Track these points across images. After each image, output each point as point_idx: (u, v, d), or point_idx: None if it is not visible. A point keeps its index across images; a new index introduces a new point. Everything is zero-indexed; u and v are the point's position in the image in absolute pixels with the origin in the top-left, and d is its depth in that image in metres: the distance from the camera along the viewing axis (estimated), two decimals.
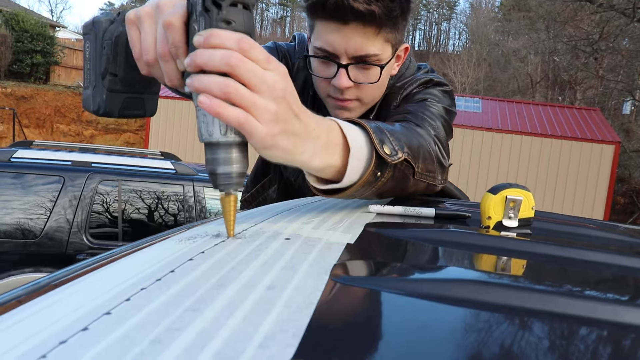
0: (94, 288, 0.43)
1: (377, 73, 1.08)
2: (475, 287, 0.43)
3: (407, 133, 0.86)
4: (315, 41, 1.08)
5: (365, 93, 1.11)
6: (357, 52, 1.04)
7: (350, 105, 1.12)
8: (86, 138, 16.40)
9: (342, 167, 0.68)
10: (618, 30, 14.67)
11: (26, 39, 16.76)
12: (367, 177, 0.71)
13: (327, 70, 1.09)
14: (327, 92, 1.12)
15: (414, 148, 0.82)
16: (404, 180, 0.80)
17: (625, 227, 1.03)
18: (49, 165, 3.97)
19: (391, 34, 1.07)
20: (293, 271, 0.45)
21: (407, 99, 1.16)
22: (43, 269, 3.77)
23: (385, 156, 0.73)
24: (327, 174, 0.68)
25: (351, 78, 1.07)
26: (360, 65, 1.07)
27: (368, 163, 0.71)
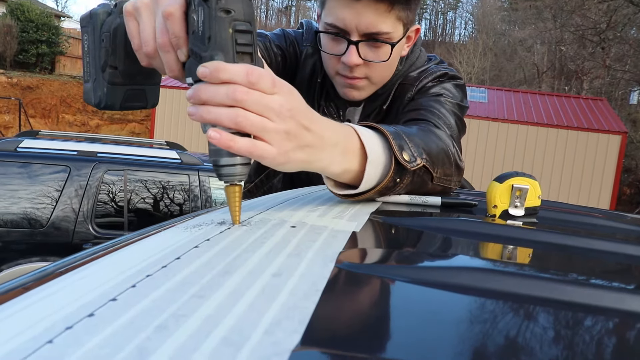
0: (99, 275, 0.43)
1: (388, 51, 1.06)
2: (481, 274, 0.43)
3: (425, 137, 0.86)
4: (326, 17, 1.06)
5: (375, 72, 1.10)
6: (368, 29, 1.02)
7: (359, 84, 1.11)
8: (92, 128, 16.44)
9: (360, 173, 0.69)
10: (626, 19, 14.53)
11: (31, 29, 16.76)
12: (385, 183, 0.71)
13: (337, 47, 1.08)
14: (336, 70, 1.11)
15: (432, 154, 0.82)
16: (423, 186, 0.80)
17: (632, 217, 1.02)
18: (55, 155, 3.99)
19: (403, 13, 1.05)
20: (299, 258, 0.45)
21: (421, 92, 1.15)
22: (49, 258, 3.79)
23: (405, 163, 0.73)
24: (345, 178, 0.69)
25: (361, 55, 1.05)
26: (371, 42, 1.05)
27: (387, 169, 0.72)
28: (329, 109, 1.22)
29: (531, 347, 0.33)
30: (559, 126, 11.91)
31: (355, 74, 1.08)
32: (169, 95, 12.65)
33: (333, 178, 0.69)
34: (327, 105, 1.23)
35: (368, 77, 1.10)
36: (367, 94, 1.14)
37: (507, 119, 12.10)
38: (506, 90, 14.82)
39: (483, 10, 44.27)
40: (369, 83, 1.12)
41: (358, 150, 0.68)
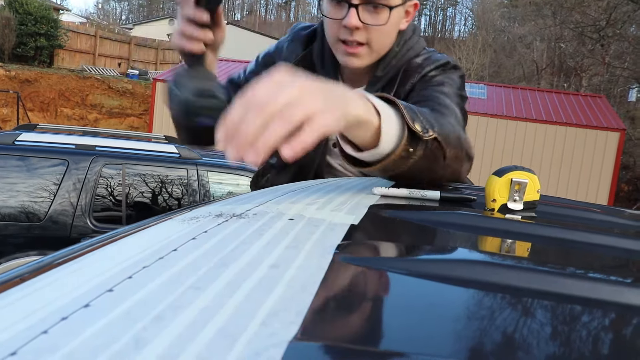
0: (96, 266, 0.42)
1: (386, 16, 1.11)
2: (480, 267, 0.43)
3: (437, 116, 0.88)
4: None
5: (374, 37, 1.13)
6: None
7: (359, 52, 1.14)
8: (90, 122, 16.40)
9: (376, 136, 0.71)
10: (626, 16, 14.51)
11: (30, 22, 16.68)
12: (400, 151, 0.73)
13: (339, 12, 1.12)
14: (338, 35, 1.14)
15: (444, 131, 0.84)
16: (435, 162, 0.82)
17: (630, 212, 1.02)
18: (53, 148, 3.98)
19: None
20: (297, 250, 0.45)
21: (425, 80, 1.19)
22: (47, 251, 3.79)
23: (417, 131, 0.75)
24: (364, 137, 0.71)
25: (361, 18, 1.10)
26: (370, 6, 1.10)
27: (400, 137, 0.74)
28: None
29: (530, 340, 0.33)
30: (558, 123, 11.91)
31: (355, 37, 1.12)
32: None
33: (351, 136, 0.71)
34: None
35: (368, 42, 1.14)
36: (367, 61, 1.17)
37: (506, 115, 12.10)
38: (505, 86, 14.80)
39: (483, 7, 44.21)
40: (369, 50, 1.15)
41: (372, 107, 0.70)
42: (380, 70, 1.22)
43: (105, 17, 61.07)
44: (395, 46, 1.22)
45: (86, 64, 19.30)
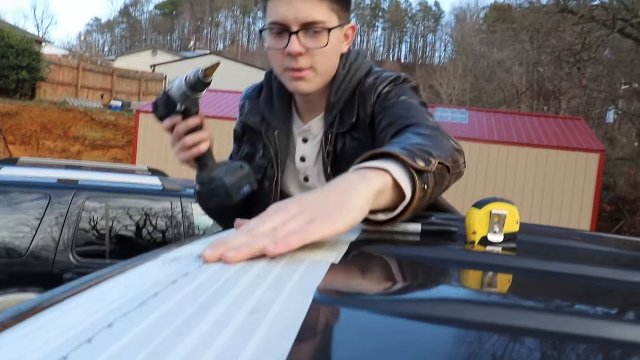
0: (74, 314, 0.42)
1: (325, 38, 1.16)
2: (460, 305, 0.43)
3: (424, 138, 0.93)
4: (268, 18, 1.18)
5: (317, 59, 1.18)
6: (305, 18, 1.14)
7: (305, 75, 1.19)
8: (73, 154, 16.29)
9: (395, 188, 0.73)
10: (599, 40, 14.85)
11: (12, 55, 16.63)
12: (419, 192, 0.74)
13: (281, 42, 1.17)
14: (283, 65, 1.19)
15: (437, 148, 0.87)
16: (443, 181, 0.86)
17: (609, 237, 1.04)
18: (34, 183, 3.94)
19: (335, 5, 1.17)
20: (277, 292, 0.45)
21: (382, 98, 1.22)
22: (29, 288, 3.72)
23: (422, 168, 0.77)
24: (386, 202, 0.72)
25: (302, 44, 1.15)
26: (309, 31, 1.16)
27: (412, 180, 0.75)
28: (268, 133, 1.33)
29: None
30: (539, 145, 12.07)
31: (300, 63, 1.17)
32: (151, 120, 12.62)
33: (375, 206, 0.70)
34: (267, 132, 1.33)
35: (312, 66, 1.18)
36: (314, 85, 1.22)
37: (488, 139, 12.24)
38: (486, 111, 15.00)
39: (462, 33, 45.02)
40: (315, 73, 1.20)
41: (377, 173, 0.72)
42: (333, 96, 1.26)
43: (87, 49, 61.11)
44: (341, 69, 1.27)
45: (68, 96, 19.25)
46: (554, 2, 14.68)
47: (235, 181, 1.11)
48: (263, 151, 1.34)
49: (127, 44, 78.66)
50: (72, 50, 45.59)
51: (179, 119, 1.11)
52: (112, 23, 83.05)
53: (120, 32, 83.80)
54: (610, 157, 16.10)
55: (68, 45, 59.11)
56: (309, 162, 1.31)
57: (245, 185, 1.13)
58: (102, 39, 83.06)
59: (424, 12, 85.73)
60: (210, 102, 13.26)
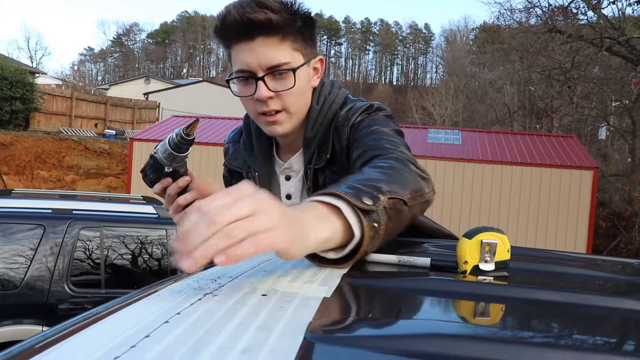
0: (65, 359, 0.42)
1: (292, 79, 1.16)
2: (454, 341, 0.43)
3: (379, 173, 0.91)
4: (234, 67, 1.19)
5: (288, 101, 1.18)
6: (269, 62, 1.14)
7: (278, 118, 1.19)
8: (67, 183, 16.24)
9: (345, 226, 0.72)
10: (588, 59, 15.02)
11: (5, 86, 16.68)
12: (368, 233, 0.73)
13: (249, 89, 1.18)
14: (256, 110, 1.19)
15: (392, 183, 0.86)
16: (400, 215, 0.84)
17: (603, 260, 1.04)
18: (29, 214, 3.93)
19: (297, 43, 1.17)
20: (268, 331, 0.45)
21: (355, 129, 1.22)
22: (24, 320, 3.68)
23: (369, 207, 0.75)
24: (335, 240, 0.72)
25: (270, 88, 1.15)
26: (276, 74, 1.16)
27: (359, 221, 0.74)
28: (249, 174, 1.36)
29: None
30: (533, 164, 12.11)
31: (271, 107, 1.17)
32: (145, 147, 12.64)
33: (325, 247, 0.71)
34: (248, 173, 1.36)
35: (284, 108, 1.19)
36: (289, 126, 1.22)
37: (482, 159, 12.28)
38: (479, 131, 15.09)
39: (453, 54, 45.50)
40: (288, 115, 1.20)
41: (328, 210, 0.72)
42: (310, 132, 1.26)
43: (81, 79, 61.46)
44: (315, 104, 1.26)
45: (62, 126, 19.27)
46: (542, 23, 14.88)
47: None
48: None
49: (120, 72, 79.07)
50: (65, 80, 45.81)
51: (169, 181, 1.12)
52: (105, 52, 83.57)
53: (114, 62, 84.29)
54: (604, 173, 16.17)
55: (61, 75, 59.43)
56: (295, 199, 1.32)
57: None
58: (95, 68, 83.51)
59: (414, 35, 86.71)
60: (203, 128, 13.30)
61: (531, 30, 15.18)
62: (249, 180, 1.31)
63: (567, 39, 13.91)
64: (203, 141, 12.32)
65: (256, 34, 1.12)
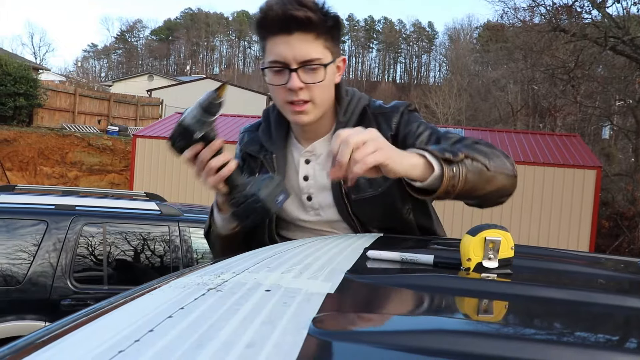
0: (69, 353, 0.42)
1: (322, 73, 1.27)
2: (455, 337, 0.44)
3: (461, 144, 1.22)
4: (268, 57, 1.28)
5: (315, 93, 1.28)
6: (304, 56, 1.24)
7: (305, 108, 1.29)
8: (70, 180, 16.26)
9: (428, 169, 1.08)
10: (592, 58, 14.96)
11: (9, 82, 16.68)
12: (447, 174, 1.06)
13: (282, 78, 1.27)
14: (285, 99, 1.29)
15: (473, 148, 1.16)
16: (482, 174, 1.13)
17: (606, 259, 1.04)
18: (32, 209, 3.93)
19: (328, 42, 1.28)
20: (272, 326, 0.45)
21: (406, 120, 1.39)
22: (26, 316, 3.69)
23: (448, 157, 1.07)
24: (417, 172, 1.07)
25: (301, 80, 1.25)
26: (307, 68, 1.26)
27: (440, 167, 1.06)
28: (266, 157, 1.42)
29: None
30: (536, 163, 12.09)
31: (300, 96, 1.27)
32: (148, 145, 12.64)
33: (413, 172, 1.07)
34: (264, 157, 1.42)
35: (311, 99, 1.28)
36: (313, 116, 1.32)
37: None
38: (482, 130, 15.06)
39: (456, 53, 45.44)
40: (314, 106, 1.30)
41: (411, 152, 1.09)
42: (342, 117, 1.38)
43: (84, 75, 61.51)
44: (344, 95, 1.40)
45: (66, 122, 19.29)
46: (546, 21, 14.83)
47: (269, 193, 1.13)
48: (260, 174, 1.39)
49: (123, 69, 79.12)
50: (69, 77, 45.83)
51: (200, 146, 1.14)
52: (109, 49, 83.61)
53: (117, 58, 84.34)
54: (608, 173, 16.13)
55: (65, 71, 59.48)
56: (312, 181, 1.38)
57: (280, 194, 1.15)
58: (98, 65, 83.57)
59: (417, 33, 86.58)
60: None
61: (535, 29, 15.13)
62: (267, 162, 1.42)
63: (571, 38, 13.86)
64: None
65: (294, 29, 1.23)
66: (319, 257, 0.74)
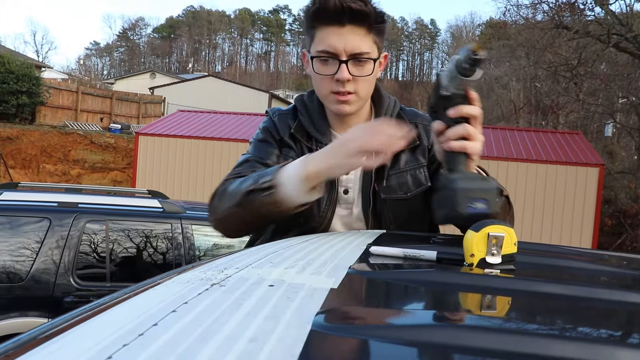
0: (72, 348, 0.42)
1: (371, 67, 1.29)
2: (458, 331, 0.44)
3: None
4: (317, 46, 1.28)
5: (360, 86, 1.29)
6: (354, 49, 1.25)
7: (349, 99, 1.30)
8: (73, 177, 16.29)
9: None
10: (595, 55, 14.94)
11: (12, 80, 16.71)
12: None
13: (330, 69, 1.28)
14: (330, 89, 1.30)
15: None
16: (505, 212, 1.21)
17: (609, 256, 1.03)
18: (35, 207, 3.94)
19: (377, 37, 1.30)
20: (275, 321, 0.45)
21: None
22: (29, 312, 3.70)
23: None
24: None
25: (350, 72, 1.26)
26: (356, 61, 1.27)
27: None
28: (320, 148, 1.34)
29: None
30: (538, 161, 12.07)
31: (347, 88, 1.28)
32: (150, 142, 12.65)
33: None
34: (318, 147, 1.35)
35: (356, 91, 1.29)
36: (355, 107, 1.33)
37: (488, 155, 12.25)
38: (485, 127, 14.96)
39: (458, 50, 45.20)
40: (357, 98, 1.31)
41: None
42: (383, 114, 1.40)
43: (87, 73, 61.58)
44: (385, 95, 1.44)
45: (68, 120, 19.32)
46: (548, 19, 14.80)
47: (467, 189, 0.90)
48: None
49: (125, 67, 79.17)
50: (71, 75, 45.89)
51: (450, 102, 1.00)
52: (111, 47, 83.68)
53: (119, 56, 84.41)
54: (610, 170, 16.10)
55: (67, 69, 59.53)
56: (352, 175, 1.37)
57: (479, 200, 0.90)
58: (101, 62, 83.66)
59: (420, 31, 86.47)
60: (207, 123, 13.31)
61: (538, 26, 15.09)
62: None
63: (574, 35, 13.83)
64: (208, 136, 12.33)
65: (348, 21, 1.24)
66: (322, 253, 0.74)
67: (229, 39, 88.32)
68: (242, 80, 50.83)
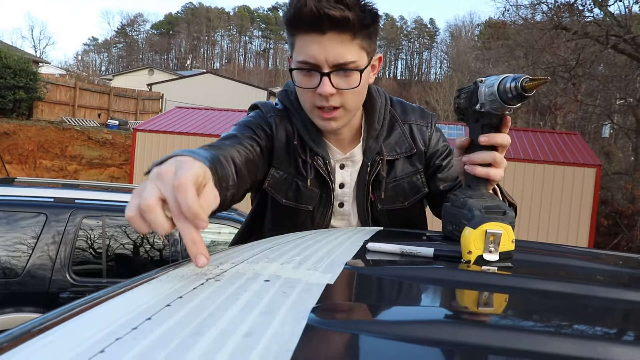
0: (65, 340, 0.42)
1: (357, 78, 1.14)
2: (455, 327, 0.43)
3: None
4: (298, 56, 1.14)
5: (348, 99, 1.16)
6: (337, 59, 1.11)
7: (335, 115, 1.17)
8: (70, 173, 16.26)
9: None
10: (593, 56, 14.95)
11: (9, 75, 16.65)
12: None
13: (311, 81, 1.14)
14: (313, 103, 1.17)
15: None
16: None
17: (606, 254, 1.03)
18: (31, 202, 3.92)
19: (365, 42, 1.14)
20: (271, 316, 0.44)
21: (436, 142, 1.38)
22: (25, 308, 3.69)
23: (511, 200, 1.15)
24: None
25: (334, 85, 1.12)
26: (341, 72, 1.13)
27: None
28: (317, 162, 1.26)
29: None
30: (535, 161, 12.09)
31: (331, 102, 1.14)
32: (147, 138, 12.63)
33: None
34: (314, 160, 1.26)
35: (343, 105, 1.16)
36: (343, 123, 1.20)
37: None
38: None
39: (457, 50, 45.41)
40: (345, 112, 1.18)
41: None
42: (377, 124, 1.29)
43: (84, 69, 61.45)
44: (377, 97, 1.29)
45: (66, 116, 19.27)
46: (547, 19, 14.81)
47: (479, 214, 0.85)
48: (314, 177, 1.26)
49: (124, 63, 79.00)
50: (69, 70, 45.77)
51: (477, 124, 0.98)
52: (109, 43, 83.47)
53: (117, 52, 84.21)
54: (607, 171, 16.13)
55: (65, 65, 59.41)
56: (347, 189, 1.29)
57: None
58: (99, 58, 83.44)
59: (419, 30, 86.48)
60: (205, 120, 13.30)
61: (536, 27, 15.10)
62: (319, 167, 1.25)
63: (573, 36, 13.83)
64: (206, 132, 12.32)
65: (328, 29, 1.09)
66: (318, 249, 0.74)
67: (228, 36, 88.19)
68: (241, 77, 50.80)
